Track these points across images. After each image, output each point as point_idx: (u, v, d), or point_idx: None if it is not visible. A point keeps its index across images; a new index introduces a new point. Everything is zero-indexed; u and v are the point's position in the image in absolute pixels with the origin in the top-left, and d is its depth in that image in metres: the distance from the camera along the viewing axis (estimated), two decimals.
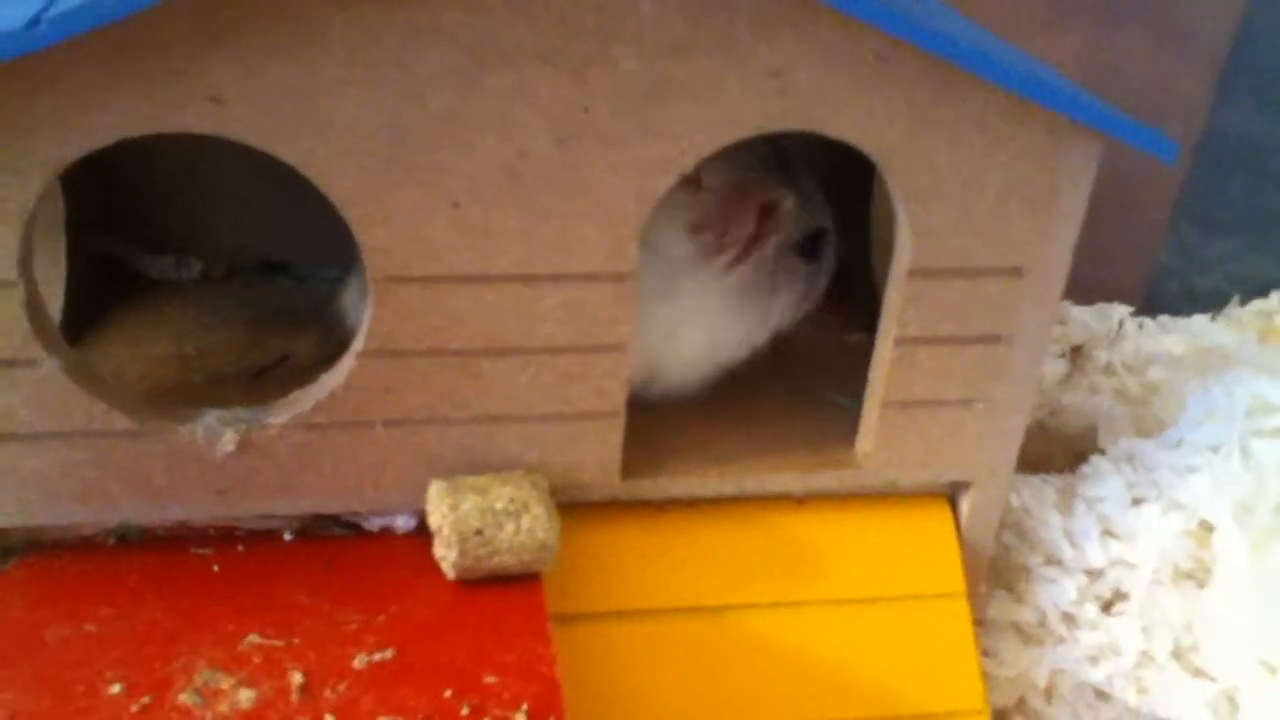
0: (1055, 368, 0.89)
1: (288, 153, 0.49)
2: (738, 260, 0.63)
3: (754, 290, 0.64)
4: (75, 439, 0.54)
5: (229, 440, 0.55)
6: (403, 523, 0.59)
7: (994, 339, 0.59)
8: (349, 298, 0.65)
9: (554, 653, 0.51)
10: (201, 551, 0.57)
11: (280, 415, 0.55)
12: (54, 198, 0.70)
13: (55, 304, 0.69)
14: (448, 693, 0.49)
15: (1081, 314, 0.90)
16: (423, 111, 0.49)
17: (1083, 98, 0.53)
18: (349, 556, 0.58)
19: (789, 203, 0.63)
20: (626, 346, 0.56)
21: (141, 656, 0.50)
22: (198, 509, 0.57)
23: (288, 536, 0.59)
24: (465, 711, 0.48)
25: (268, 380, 0.67)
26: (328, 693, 0.48)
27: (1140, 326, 0.92)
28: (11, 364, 0.51)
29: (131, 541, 0.58)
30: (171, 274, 0.78)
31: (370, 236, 0.51)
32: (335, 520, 0.59)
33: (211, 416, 0.55)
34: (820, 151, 0.62)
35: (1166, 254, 1.14)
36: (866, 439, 0.62)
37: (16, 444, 0.53)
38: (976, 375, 0.60)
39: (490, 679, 0.49)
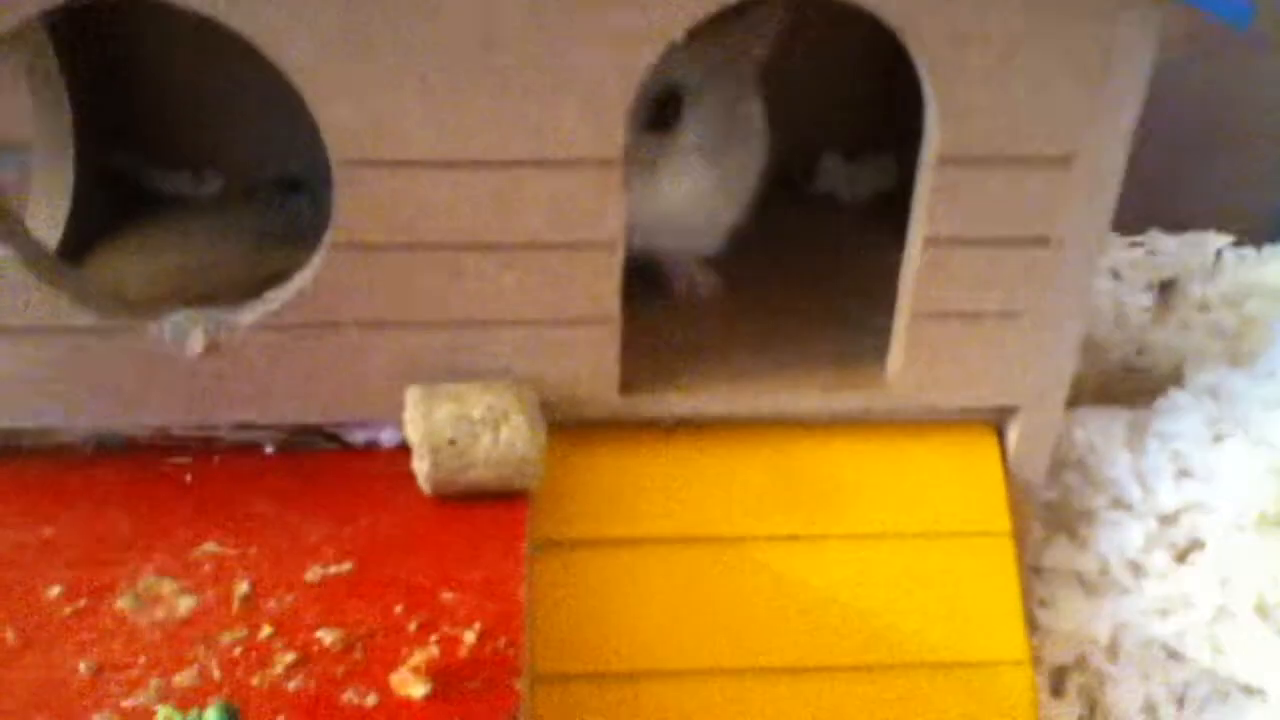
0: (1142, 302, 0.80)
1: (234, 17, 0.45)
2: None
3: None
4: (40, 335, 0.51)
5: (197, 340, 0.52)
6: (388, 436, 0.55)
7: (1040, 241, 0.52)
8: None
9: (523, 573, 0.47)
10: (178, 461, 0.54)
11: (249, 315, 0.52)
12: (60, 107, 0.68)
13: (61, 216, 0.68)
14: (398, 608, 0.45)
15: (1171, 244, 0.81)
16: None
17: None
18: (328, 470, 0.54)
19: None
20: (617, 244, 0.51)
21: (90, 561, 0.48)
22: (171, 415, 0.54)
23: (269, 449, 0.55)
24: (413, 627, 0.44)
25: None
26: (271, 603, 0.45)
27: (1241, 259, 0.82)
28: None
29: (110, 449, 0.55)
30: (189, 190, 0.75)
31: (329, 113, 0.47)
32: (319, 433, 0.56)
33: (179, 315, 0.52)
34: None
35: None
36: (896, 356, 0.56)
37: None
38: (1020, 283, 0.53)
39: (447, 596, 0.45)
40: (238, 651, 0.42)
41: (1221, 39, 0.54)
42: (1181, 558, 0.61)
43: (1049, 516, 0.64)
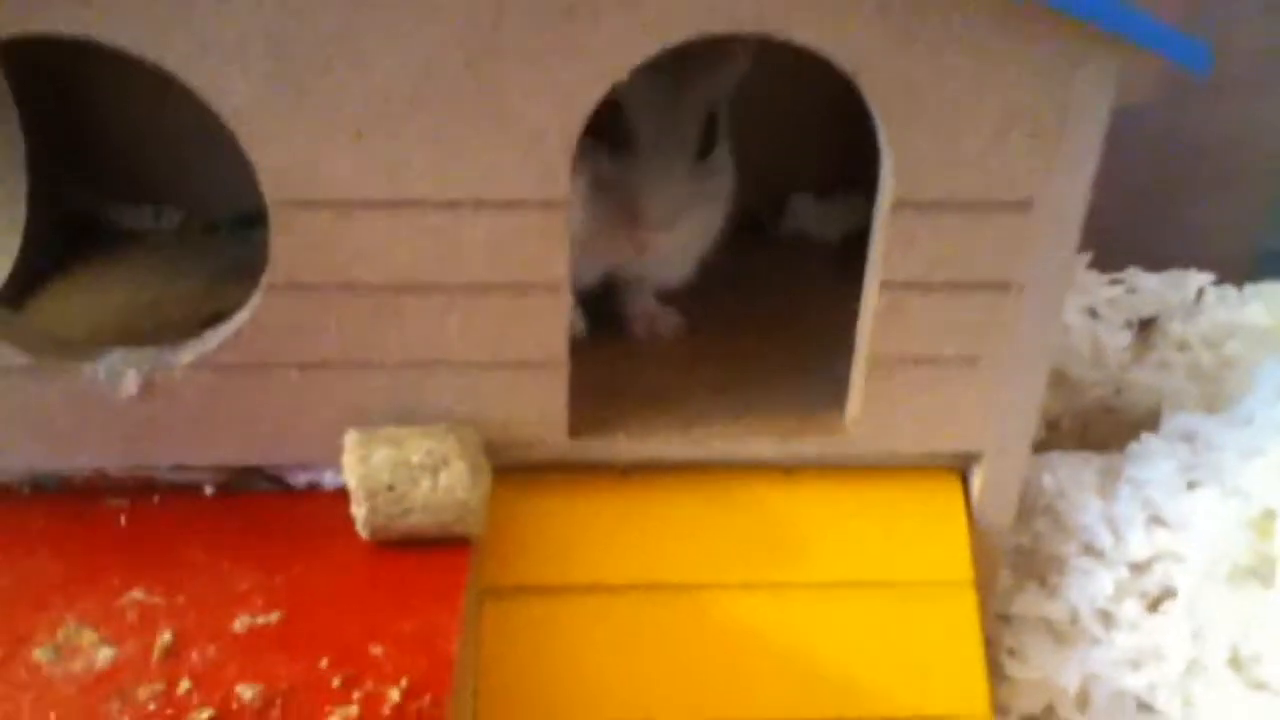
0: (1121, 341, 0.79)
1: (167, 59, 0.44)
2: None
3: None
4: None
5: (131, 381, 0.50)
6: (330, 479, 0.54)
7: (1000, 286, 0.51)
8: None
9: (457, 626, 0.45)
10: (115, 503, 0.53)
11: (185, 355, 0.51)
12: (13, 139, 0.67)
13: (12, 250, 0.66)
14: (324, 662, 0.43)
15: (1152, 281, 0.80)
16: (310, 30, 0.44)
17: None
18: (267, 513, 0.53)
19: None
20: (563, 286, 0.49)
21: (13, 607, 0.46)
22: (107, 457, 0.52)
23: (209, 490, 0.54)
24: (336, 684, 0.42)
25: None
26: (193, 655, 0.43)
27: (1222, 298, 0.80)
28: None
29: (47, 490, 0.54)
30: (147, 225, 0.74)
31: (263, 155, 0.46)
32: (260, 474, 0.54)
33: (114, 356, 0.51)
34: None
35: (1271, 232, 1.02)
36: (855, 402, 0.54)
37: None
38: (980, 328, 0.52)
39: (376, 650, 0.44)
40: (153, 707, 0.41)
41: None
42: (1153, 607, 0.60)
43: (1019, 563, 0.63)
